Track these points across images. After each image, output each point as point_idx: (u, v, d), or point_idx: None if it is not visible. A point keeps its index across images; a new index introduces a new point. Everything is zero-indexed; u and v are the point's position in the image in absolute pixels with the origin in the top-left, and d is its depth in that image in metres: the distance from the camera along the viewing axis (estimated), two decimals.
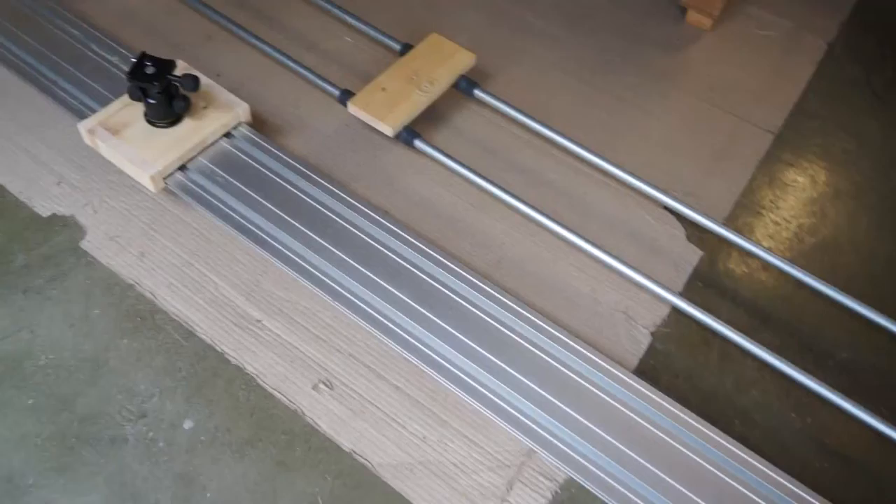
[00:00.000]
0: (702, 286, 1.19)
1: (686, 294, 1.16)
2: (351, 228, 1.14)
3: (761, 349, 1.07)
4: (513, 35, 1.55)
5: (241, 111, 1.22)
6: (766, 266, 1.20)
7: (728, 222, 1.26)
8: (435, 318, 1.06)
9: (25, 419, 1.00)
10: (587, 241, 1.18)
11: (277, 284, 1.15)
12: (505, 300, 1.09)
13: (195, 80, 1.13)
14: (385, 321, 1.05)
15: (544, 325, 1.06)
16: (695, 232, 1.24)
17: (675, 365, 1.10)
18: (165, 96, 1.13)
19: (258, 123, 1.29)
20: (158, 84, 1.10)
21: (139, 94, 1.13)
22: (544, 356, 1.04)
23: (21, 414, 1.00)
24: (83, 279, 1.14)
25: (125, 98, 1.18)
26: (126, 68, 1.27)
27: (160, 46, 1.42)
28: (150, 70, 1.10)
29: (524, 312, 1.08)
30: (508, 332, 1.06)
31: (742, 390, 1.09)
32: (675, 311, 1.15)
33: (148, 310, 1.11)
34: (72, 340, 1.07)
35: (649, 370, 1.09)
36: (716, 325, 1.09)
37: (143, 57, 1.11)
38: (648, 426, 0.98)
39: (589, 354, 1.04)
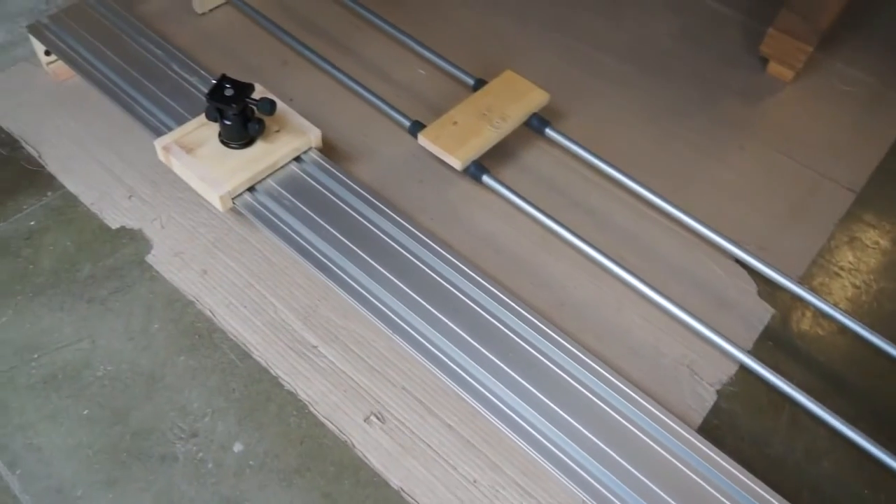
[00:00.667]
0: (773, 346, 1.14)
1: (755, 352, 1.11)
2: (413, 259, 1.13)
3: (834, 418, 1.01)
4: (586, 76, 1.53)
5: (313, 136, 1.22)
6: (843, 330, 1.14)
7: (803, 281, 1.21)
8: (492, 357, 1.03)
9: (79, 429, 1.00)
10: (653, 289, 1.14)
11: (335, 311, 1.14)
12: (566, 344, 1.05)
13: (272, 104, 1.14)
14: (442, 356, 1.03)
15: (605, 374, 1.03)
16: (767, 288, 1.19)
17: (741, 427, 1.05)
18: (241, 118, 1.14)
19: (327, 149, 1.30)
20: (236, 106, 1.12)
21: (216, 114, 1.15)
22: (604, 406, 1.00)
23: (76, 424, 1.01)
24: (146, 293, 1.15)
25: (201, 118, 1.20)
26: (204, 89, 1.30)
27: (237, 69, 1.45)
28: (228, 92, 1.12)
29: (585, 358, 1.04)
30: (568, 378, 1.02)
31: (812, 460, 1.03)
32: (744, 369, 1.10)
33: (206, 328, 1.11)
34: (130, 353, 1.08)
35: (713, 430, 1.04)
36: (786, 388, 1.04)
37: (223, 79, 1.13)
38: (711, 489, 0.93)
39: (651, 408, 1.00)
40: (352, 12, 1.60)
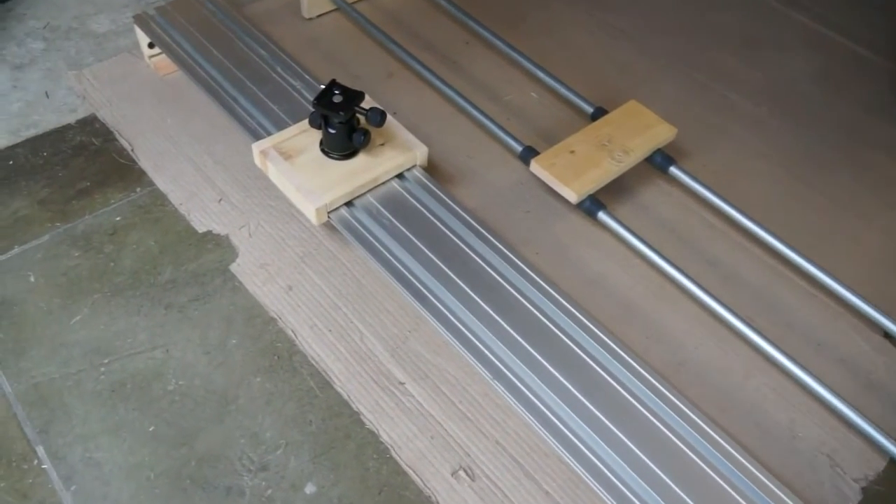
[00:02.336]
0: None
1: None
2: (517, 295, 1.01)
3: None
4: (713, 113, 1.41)
5: (419, 154, 1.13)
6: None
7: None
8: (604, 419, 0.90)
9: (143, 447, 0.91)
10: (789, 358, 1.00)
11: (427, 345, 1.03)
12: (686, 411, 0.92)
13: (382, 114, 1.05)
14: (546, 411, 0.90)
15: (733, 452, 0.88)
16: None
17: None
18: (347, 127, 1.06)
19: (429, 168, 1.20)
20: (343, 114, 1.03)
21: (320, 121, 1.07)
22: (732, 491, 0.86)
23: (140, 440, 0.92)
24: (227, 304, 1.06)
25: (303, 124, 1.12)
26: (308, 94, 1.23)
27: (340, 76, 1.35)
28: (337, 98, 1.03)
29: (709, 430, 0.90)
30: (688, 451, 0.88)
31: None
32: (894, 465, 0.94)
33: (286, 349, 1.02)
34: (205, 368, 0.99)
35: None
36: None
37: (333, 84, 1.05)
38: None
39: (787, 500, 0.85)
40: (464, 27, 1.51)
